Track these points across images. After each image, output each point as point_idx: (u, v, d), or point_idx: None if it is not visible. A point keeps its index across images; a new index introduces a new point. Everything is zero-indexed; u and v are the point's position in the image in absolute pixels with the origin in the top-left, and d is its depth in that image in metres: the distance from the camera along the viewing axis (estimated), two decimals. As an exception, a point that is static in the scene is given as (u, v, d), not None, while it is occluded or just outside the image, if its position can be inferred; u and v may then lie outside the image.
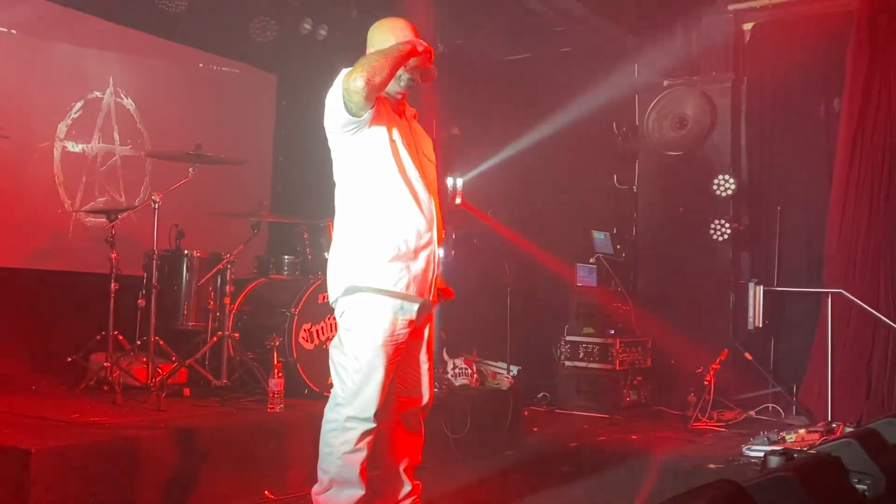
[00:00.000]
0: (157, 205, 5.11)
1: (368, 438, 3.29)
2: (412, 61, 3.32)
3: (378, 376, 3.25)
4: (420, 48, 3.30)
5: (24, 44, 5.98)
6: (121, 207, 5.43)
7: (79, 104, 6.33)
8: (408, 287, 3.28)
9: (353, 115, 3.19)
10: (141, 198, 5.36)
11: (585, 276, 7.78)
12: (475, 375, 5.92)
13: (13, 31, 5.92)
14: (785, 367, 7.45)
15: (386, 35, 3.39)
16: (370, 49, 3.42)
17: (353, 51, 3.69)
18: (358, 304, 3.29)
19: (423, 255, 3.34)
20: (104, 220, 5.38)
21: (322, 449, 3.33)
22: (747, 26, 7.84)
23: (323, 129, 3.39)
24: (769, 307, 7.23)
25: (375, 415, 3.27)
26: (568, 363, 7.70)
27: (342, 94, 3.16)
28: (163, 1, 6.32)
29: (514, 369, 6.29)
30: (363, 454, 3.30)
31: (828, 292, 6.81)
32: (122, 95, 6.61)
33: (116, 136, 6.57)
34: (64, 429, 3.97)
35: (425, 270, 3.34)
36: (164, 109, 6.83)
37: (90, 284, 5.55)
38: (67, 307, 5.79)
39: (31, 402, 4.65)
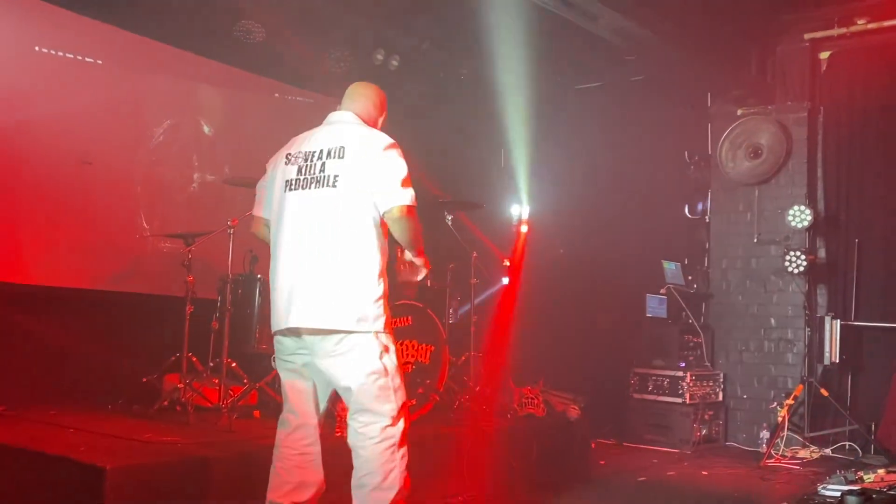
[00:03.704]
0: (232, 230, 5.25)
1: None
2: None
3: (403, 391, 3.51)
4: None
5: (110, 73, 6.22)
6: (197, 232, 5.56)
7: (160, 131, 6.54)
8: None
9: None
10: (217, 223, 5.48)
11: (655, 306, 7.68)
12: (541, 406, 5.87)
13: (99, 62, 6.16)
14: (862, 404, 7.21)
15: (384, 109, 3.81)
16: (370, 103, 3.77)
17: (423, 81, 3.73)
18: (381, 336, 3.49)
19: None
20: (181, 244, 5.52)
21: (384, 467, 3.35)
22: (823, 55, 7.70)
23: None
24: (846, 342, 7.04)
25: None
26: (637, 395, 7.60)
27: (403, 214, 3.42)
28: (241, 32, 6.52)
29: (582, 400, 6.22)
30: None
31: (907, 327, 6.60)
32: (202, 123, 6.80)
33: (195, 163, 6.76)
34: (138, 447, 4.08)
35: None
36: (241, 137, 7.00)
37: (166, 307, 5.68)
38: (143, 329, 5.94)
39: (107, 421, 4.79)
